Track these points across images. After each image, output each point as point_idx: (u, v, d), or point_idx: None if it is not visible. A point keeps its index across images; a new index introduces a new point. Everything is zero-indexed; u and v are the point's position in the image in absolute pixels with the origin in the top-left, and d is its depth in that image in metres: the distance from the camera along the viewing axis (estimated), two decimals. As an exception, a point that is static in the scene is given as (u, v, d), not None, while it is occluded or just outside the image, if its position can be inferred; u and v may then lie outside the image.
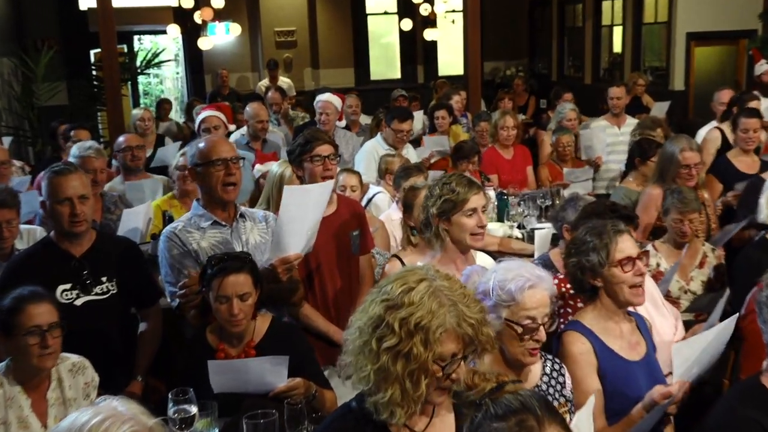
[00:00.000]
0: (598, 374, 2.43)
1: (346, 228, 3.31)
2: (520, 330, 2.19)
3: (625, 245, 2.51)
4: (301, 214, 2.76)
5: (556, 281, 3.01)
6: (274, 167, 3.92)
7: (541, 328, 2.21)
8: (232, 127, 5.78)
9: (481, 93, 7.57)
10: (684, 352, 2.25)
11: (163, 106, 9.39)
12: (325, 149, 3.19)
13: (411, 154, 5.70)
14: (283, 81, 10.57)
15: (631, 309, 2.60)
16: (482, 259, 2.92)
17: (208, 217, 2.89)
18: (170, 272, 2.84)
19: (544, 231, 4.06)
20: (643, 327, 2.62)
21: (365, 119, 7.37)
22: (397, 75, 13.32)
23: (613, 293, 2.52)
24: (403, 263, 2.88)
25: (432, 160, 6.10)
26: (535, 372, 2.33)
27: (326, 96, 5.83)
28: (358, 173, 4.38)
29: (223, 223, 2.91)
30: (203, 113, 5.31)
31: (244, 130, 5.96)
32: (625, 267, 2.49)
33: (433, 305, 1.59)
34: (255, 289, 2.60)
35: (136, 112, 6.70)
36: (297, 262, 2.81)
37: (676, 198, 3.72)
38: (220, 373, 2.43)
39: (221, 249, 2.81)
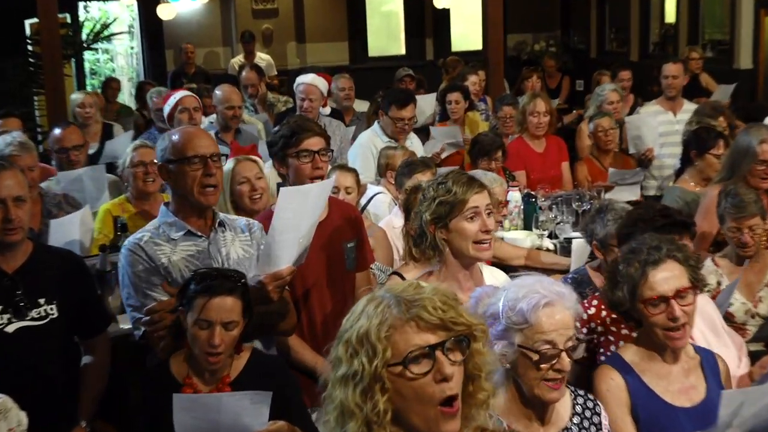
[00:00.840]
0: (632, 417, 2.44)
1: (340, 238, 3.35)
2: (536, 357, 2.19)
3: (660, 280, 2.49)
4: (297, 221, 2.80)
5: (596, 302, 3.05)
6: (229, 163, 3.95)
7: (563, 354, 2.20)
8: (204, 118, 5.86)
9: (503, 72, 7.58)
10: (735, 401, 2.20)
11: (110, 85, 9.42)
12: (315, 142, 3.22)
13: (417, 147, 5.74)
14: (261, 58, 10.65)
15: (697, 343, 2.63)
16: (494, 276, 2.94)
17: (180, 225, 2.91)
18: (134, 294, 2.84)
19: (582, 241, 4.09)
20: (709, 367, 2.61)
21: (361, 105, 7.44)
22: (401, 51, 13.32)
23: (650, 333, 2.53)
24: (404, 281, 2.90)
25: (443, 155, 6.14)
26: (563, 411, 2.32)
27: (309, 78, 5.86)
28: (354, 171, 4.45)
29: (199, 233, 2.92)
30: (177, 93, 5.40)
31: (212, 118, 6.04)
32: (654, 308, 2.48)
33: (370, 309, 1.66)
34: (243, 319, 2.62)
35: (75, 96, 6.74)
36: (290, 278, 2.85)
37: (731, 201, 3.67)
38: (186, 411, 2.41)
39: (196, 265, 2.84)
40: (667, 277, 2.49)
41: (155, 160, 3.07)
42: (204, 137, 2.95)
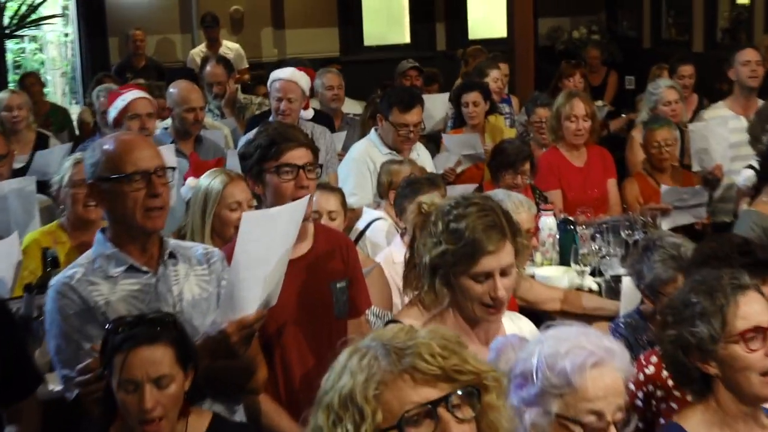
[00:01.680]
0: None
1: (327, 276, 3.38)
2: (578, 430, 2.19)
3: (752, 308, 2.51)
4: (265, 252, 2.82)
5: (655, 358, 3.05)
6: (201, 179, 3.98)
7: (612, 428, 2.19)
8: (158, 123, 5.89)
9: (534, 66, 7.67)
10: None
11: (28, 82, 9.16)
12: (300, 155, 3.26)
13: (425, 160, 5.76)
14: (229, 48, 10.70)
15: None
16: (516, 323, 2.94)
17: (120, 259, 2.92)
18: (64, 346, 2.84)
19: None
20: None
21: (353, 106, 7.54)
22: (405, 38, 13.28)
23: (736, 384, 2.51)
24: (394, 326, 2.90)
25: (458, 170, 6.15)
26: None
27: (286, 73, 5.88)
28: (338, 192, 4.50)
29: (144, 267, 2.94)
30: (127, 94, 5.43)
31: (167, 123, 6.09)
32: (751, 342, 2.48)
33: (353, 363, 1.68)
34: (181, 370, 2.62)
35: (0, 96, 6.73)
36: (260, 325, 2.87)
37: None
38: None
39: (141, 309, 2.84)
40: (761, 306, 2.51)
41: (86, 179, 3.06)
42: (145, 147, 2.95)
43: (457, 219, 2.68)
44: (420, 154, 5.77)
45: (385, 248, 4.60)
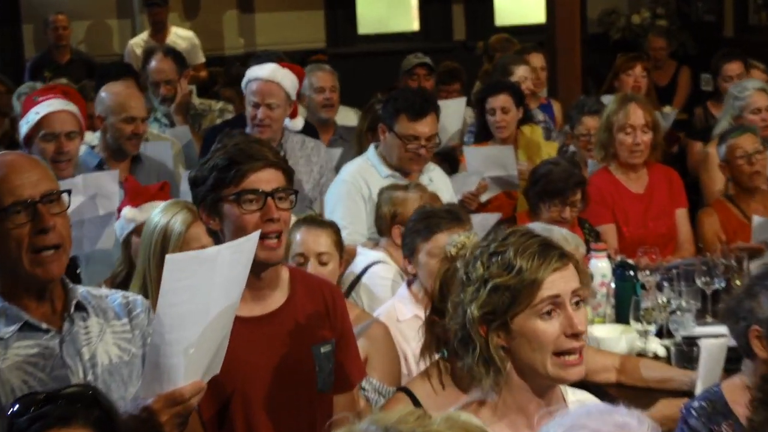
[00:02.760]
0: None
1: (307, 337, 3.38)
2: None
3: None
4: (198, 307, 2.81)
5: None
6: (154, 215, 3.97)
7: None
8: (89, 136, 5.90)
9: (581, 61, 7.60)
10: None
11: None
12: (267, 178, 3.29)
13: (440, 185, 5.73)
14: (181, 37, 10.59)
15: None
16: (581, 396, 2.94)
17: (11, 315, 2.93)
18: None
19: (715, 343, 4.06)
20: None
21: (346, 116, 7.50)
22: (413, 26, 13.19)
23: None
24: (416, 402, 2.89)
25: (483, 198, 6.14)
26: None
27: (266, 71, 5.90)
28: (332, 227, 4.48)
29: (44, 325, 2.94)
30: (42, 104, 5.38)
31: (96, 136, 6.08)
32: None
33: None
34: None
35: None
36: (197, 400, 2.85)
37: None
38: None
39: (40, 378, 2.85)
40: None
41: None
42: (27, 169, 2.96)
43: (500, 249, 2.73)
44: (434, 179, 5.78)
45: (387, 301, 4.58)
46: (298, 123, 6.14)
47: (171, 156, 6.24)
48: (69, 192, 3.04)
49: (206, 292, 2.81)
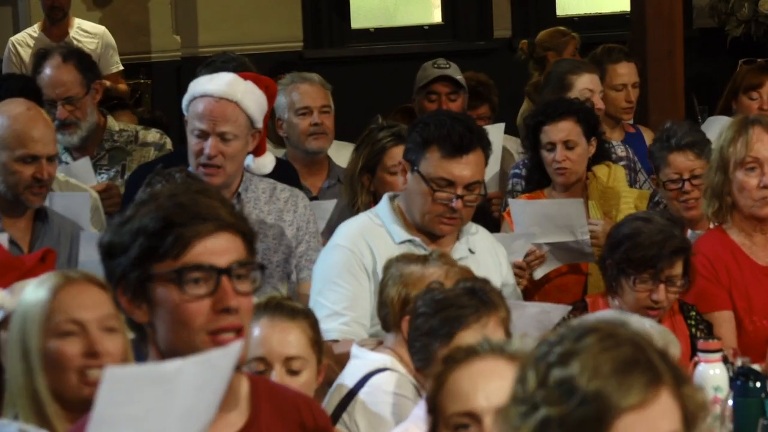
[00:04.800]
0: None
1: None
2: None
3: None
4: None
5: None
6: (26, 296, 3.79)
7: None
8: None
9: (684, 69, 7.00)
10: None
11: None
12: (219, 248, 3.08)
13: (488, 257, 5.38)
14: (88, 32, 10.11)
15: None
16: None
17: None
18: None
19: None
20: None
21: (338, 150, 7.15)
22: (433, 17, 12.36)
23: None
24: None
25: (538, 274, 5.94)
26: None
27: (219, 84, 5.42)
28: (307, 319, 4.29)
29: None
30: None
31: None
32: None
33: None
34: None
35: None
36: None
37: None
38: None
39: None
40: None
41: None
42: None
43: (564, 360, 2.48)
44: (477, 248, 5.23)
45: (396, 428, 4.24)
46: (267, 162, 5.59)
47: (87, 212, 5.78)
48: None
49: (160, 424, 2.72)
